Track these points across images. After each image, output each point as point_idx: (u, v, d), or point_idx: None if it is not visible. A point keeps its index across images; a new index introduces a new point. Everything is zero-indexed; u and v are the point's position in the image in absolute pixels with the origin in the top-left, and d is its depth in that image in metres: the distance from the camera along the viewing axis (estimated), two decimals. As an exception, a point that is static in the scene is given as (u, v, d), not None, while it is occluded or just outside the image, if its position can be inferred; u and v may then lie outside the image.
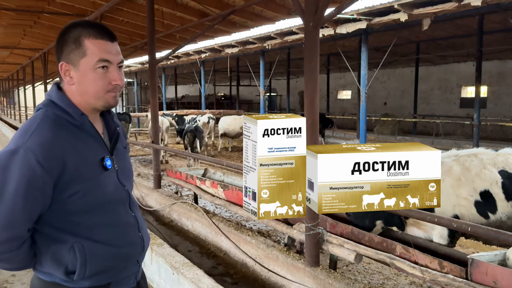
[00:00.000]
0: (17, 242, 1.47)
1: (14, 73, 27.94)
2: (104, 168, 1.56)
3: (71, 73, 1.54)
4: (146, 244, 1.77)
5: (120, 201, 1.66)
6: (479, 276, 2.86)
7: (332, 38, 11.32)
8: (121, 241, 1.64)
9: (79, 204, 1.51)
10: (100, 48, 1.52)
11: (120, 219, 1.66)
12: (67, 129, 1.51)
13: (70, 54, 1.52)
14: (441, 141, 15.18)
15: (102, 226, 1.59)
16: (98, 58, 1.51)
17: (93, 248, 1.55)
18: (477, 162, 3.79)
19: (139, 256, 1.74)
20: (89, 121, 1.58)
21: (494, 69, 18.49)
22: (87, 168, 1.51)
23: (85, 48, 1.51)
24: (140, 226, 1.74)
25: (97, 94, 1.54)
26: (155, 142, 7.61)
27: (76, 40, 1.52)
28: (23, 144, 1.42)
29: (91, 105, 1.58)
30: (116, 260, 1.63)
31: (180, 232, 6.26)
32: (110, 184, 1.60)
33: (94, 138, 1.59)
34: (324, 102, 21.55)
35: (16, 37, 14.26)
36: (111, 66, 1.54)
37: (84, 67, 1.52)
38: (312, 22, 3.71)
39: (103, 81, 1.53)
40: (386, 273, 4.41)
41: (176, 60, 18.03)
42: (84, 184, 1.50)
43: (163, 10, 9.00)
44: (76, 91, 1.55)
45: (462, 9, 7.34)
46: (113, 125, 1.73)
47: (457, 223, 2.60)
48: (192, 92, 38.48)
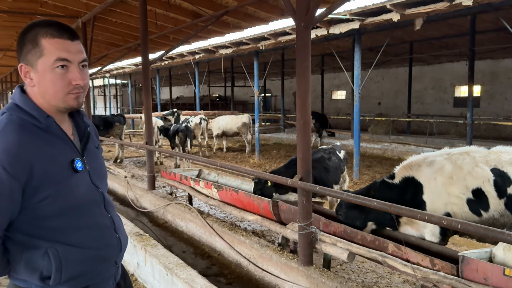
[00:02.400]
0: None
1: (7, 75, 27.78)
2: (74, 170, 1.53)
3: (30, 74, 1.50)
4: (124, 244, 1.74)
5: (93, 202, 1.62)
6: (470, 273, 2.89)
7: (326, 39, 11.34)
8: (97, 244, 1.61)
9: (50, 208, 1.47)
10: (58, 47, 1.48)
11: (95, 221, 1.62)
12: (33, 132, 1.47)
13: (28, 55, 1.48)
14: (435, 140, 15.25)
15: (76, 230, 1.55)
16: (56, 57, 1.47)
17: (68, 252, 1.52)
18: (469, 160, 3.82)
19: (116, 257, 1.71)
20: (55, 123, 1.54)
21: (487, 68, 18.61)
22: (56, 172, 1.47)
23: (42, 48, 1.47)
24: (116, 227, 1.71)
25: (57, 96, 1.50)
26: (149, 143, 7.60)
27: (33, 40, 1.47)
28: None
29: (54, 106, 1.53)
30: (93, 263, 1.60)
31: (175, 233, 6.26)
32: (82, 186, 1.56)
33: (62, 141, 1.55)
34: (319, 103, 21.58)
35: (9, 39, 14.16)
36: (71, 66, 1.49)
37: (42, 67, 1.47)
38: (303, 22, 3.73)
39: (62, 81, 1.49)
40: (380, 271, 4.43)
41: (170, 61, 17.99)
42: (54, 188, 1.46)
43: (156, 11, 8.98)
44: (38, 93, 1.51)
45: (454, 9, 7.37)
46: (83, 125, 1.69)
47: (447, 221, 2.62)
48: (186, 93, 38.41)
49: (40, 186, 1.42)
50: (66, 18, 9.89)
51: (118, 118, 12.31)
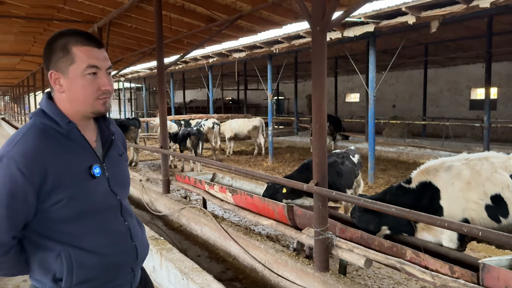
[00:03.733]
0: (1, 249, 1.48)
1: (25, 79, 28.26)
2: (91, 176, 1.57)
3: (60, 81, 1.55)
4: (141, 252, 1.75)
5: (110, 209, 1.65)
6: (491, 281, 2.83)
7: (340, 41, 11.28)
8: (110, 250, 1.62)
9: (63, 212, 1.51)
10: (88, 54, 1.54)
11: (110, 227, 1.64)
12: (52, 138, 1.53)
13: (58, 62, 1.54)
14: (451, 144, 15.05)
15: (89, 235, 1.58)
16: (87, 64, 1.53)
17: (80, 257, 1.55)
18: (487, 165, 3.75)
19: (133, 264, 1.72)
20: (77, 129, 1.59)
21: (503, 70, 18.32)
22: (71, 176, 1.51)
23: (73, 55, 1.53)
24: (133, 234, 1.72)
25: (86, 101, 1.56)
26: (163, 147, 7.64)
27: (64, 48, 1.53)
28: (7, 153, 1.44)
29: (80, 112, 1.59)
30: (105, 269, 1.61)
31: (189, 237, 6.27)
32: (99, 192, 1.59)
33: (81, 147, 1.59)
34: (332, 105, 21.46)
35: (26, 45, 14.42)
36: (99, 72, 1.56)
37: (73, 73, 1.53)
38: (319, 27, 3.71)
39: (92, 87, 1.55)
40: (397, 277, 4.38)
41: (184, 65, 18.09)
42: (68, 192, 1.49)
43: (171, 16, 9.06)
44: (66, 99, 1.57)
45: (470, 11, 7.27)
46: (107, 132, 1.73)
47: (468, 228, 2.58)
48: (200, 96, 38.60)
49: (53, 190, 1.47)
50: (82, 23, 10.03)
51: (133, 122, 12.41)
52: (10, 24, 10.82)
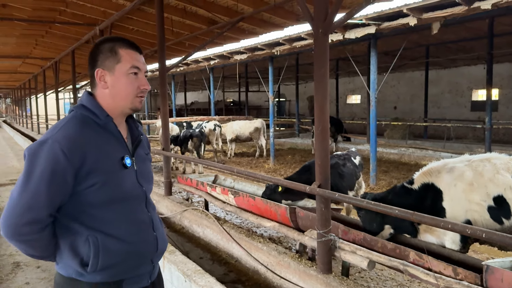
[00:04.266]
0: (38, 225, 1.59)
1: (26, 82, 28.30)
2: (123, 166, 1.72)
3: (106, 78, 1.74)
4: (161, 244, 1.85)
5: (136, 199, 1.78)
6: (495, 283, 2.83)
7: (341, 43, 11.29)
8: (134, 238, 1.73)
9: (96, 196, 1.64)
10: (132, 57, 1.76)
11: (135, 216, 1.77)
12: (92, 127, 1.68)
13: (106, 61, 1.73)
14: (453, 145, 15.04)
15: (117, 221, 1.70)
16: (131, 65, 1.74)
17: (107, 242, 1.66)
18: (490, 167, 3.75)
19: (153, 255, 1.82)
20: (113, 123, 1.75)
21: (505, 71, 18.31)
22: (106, 163, 1.66)
23: (120, 56, 1.73)
24: (155, 226, 1.84)
25: (128, 97, 1.75)
26: (165, 149, 7.65)
27: (112, 49, 1.74)
28: (52, 136, 1.59)
29: (120, 107, 1.77)
30: (128, 256, 1.72)
31: (191, 239, 6.27)
32: (128, 182, 1.74)
33: (116, 138, 1.75)
34: (334, 107, 21.47)
35: (28, 47, 14.45)
36: (140, 73, 1.77)
37: (119, 71, 1.73)
38: (321, 29, 3.72)
39: (133, 85, 1.75)
40: (399, 279, 4.38)
41: (185, 67, 18.13)
42: (102, 177, 1.63)
43: (173, 18, 9.08)
44: (109, 94, 1.75)
45: (472, 13, 7.27)
46: (136, 132, 1.90)
47: (471, 230, 2.58)
48: (201, 98, 38.64)
49: (90, 173, 1.61)
50: (84, 26, 10.06)
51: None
52: (12, 27, 10.85)
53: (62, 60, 15.82)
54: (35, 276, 4.70)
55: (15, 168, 12.88)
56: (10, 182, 10.48)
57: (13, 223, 1.56)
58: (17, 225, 1.56)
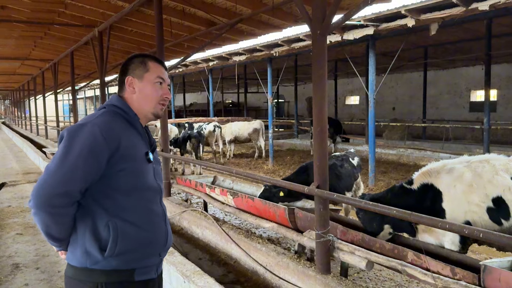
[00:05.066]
0: (69, 199, 1.71)
1: (25, 83, 28.28)
2: (147, 160, 1.91)
3: (134, 84, 1.96)
4: (169, 239, 2.00)
5: (155, 191, 1.96)
6: (492, 283, 2.84)
7: (339, 44, 11.32)
8: (149, 227, 1.89)
9: (123, 181, 1.80)
10: (159, 69, 2.00)
11: (152, 207, 1.93)
12: (123, 121, 1.89)
13: (136, 70, 1.96)
14: (451, 146, 15.06)
15: (136, 209, 1.85)
16: (157, 75, 1.98)
17: (125, 228, 1.80)
18: (489, 168, 3.76)
19: (161, 249, 1.96)
20: (139, 122, 1.96)
21: (503, 72, 18.35)
22: (135, 152, 1.85)
23: (149, 67, 1.97)
24: (166, 220, 2.01)
25: (152, 102, 1.97)
26: (164, 150, 7.66)
27: (142, 62, 1.98)
28: (91, 121, 1.78)
29: (144, 112, 1.98)
30: (143, 243, 1.86)
31: (191, 240, 6.27)
32: (150, 175, 1.92)
33: (141, 136, 1.95)
34: (332, 108, 21.49)
35: (27, 49, 14.46)
36: (164, 84, 2.00)
37: (147, 79, 1.96)
38: (319, 30, 3.73)
39: (157, 93, 1.98)
40: (398, 280, 4.38)
41: (184, 69, 18.14)
42: (130, 163, 1.81)
43: (171, 20, 9.09)
44: (136, 99, 1.96)
45: (470, 14, 7.31)
46: (152, 138, 2.09)
47: (469, 230, 2.59)
48: (200, 99, 38.64)
49: (121, 158, 1.77)
50: (83, 27, 10.07)
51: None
52: (11, 28, 10.86)
53: (61, 62, 15.82)
54: (34, 277, 4.69)
55: (14, 170, 12.86)
56: (9, 184, 10.46)
57: (47, 193, 1.67)
58: (50, 194, 1.67)
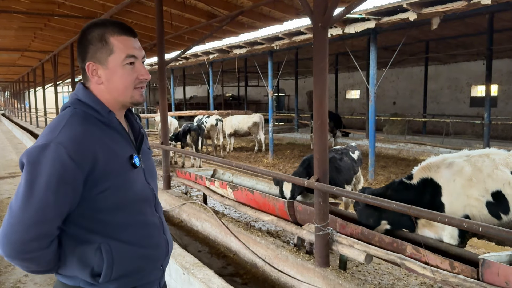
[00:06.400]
0: (46, 240, 1.43)
1: (25, 75, 28.21)
2: (132, 165, 1.56)
3: (99, 72, 1.55)
4: (170, 248, 1.74)
5: (146, 200, 1.64)
6: (491, 277, 2.85)
7: (341, 38, 11.28)
8: (147, 242, 1.61)
9: (108, 201, 1.49)
10: (126, 44, 1.55)
11: (147, 219, 1.63)
12: (96, 125, 1.51)
13: (97, 53, 1.53)
14: (451, 141, 15.06)
15: (129, 226, 1.56)
16: (126, 54, 1.54)
17: (120, 249, 1.53)
18: (489, 162, 3.76)
19: (163, 260, 1.70)
20: (116, 119, 1.59)
21: (504, 67, 18.30)
22: (117, 164, 1.51)
23: (112, 45, 1.53)
24: (165, 228, 1.72)
25: (127, 90, 1.57)
26: (164, 143, 7.65)
27: (102, 39, 1.52)
28: (54, 139, 1.40)
29: (119, 102, 1.59)
30: (143, 262, 1.60)
31: (190, 233, 6.29)
32: (138, 182, 1.59)
33: (122, 136, 1.60)
34: (333, 102, 21.47)
35: (26, 40, 14.40)
36: (137, 62, 1.57)
37: (113, 64, 1.53)
38: (321, 23, 3.71)
39: (131, 76, 1.56)
40: (396, 273, 4.40)
41: (184, 61, 18.09)
42: (114, 180, 1.49)
43: (172, 12, 9.04)
44: (105, 89, 1.56)
45: (471, 8, 7.27)
46: (137, 125, 1.74)
47: (468, 223, 2.59)
48: (200, 93, 38.58)
49: (101, 177, 1.45)
50: (83, 18, 10.01)
51: (133, 118, 12.38)
52: (10, 20, 10.80)
53: (61, 53, 15.76)
54: (34, 268, 4.70)
55: (13, 161, 12.87)
56: (9, 175, 10.48)
57: (18, 241, 1.37)
58: (21, 242, 1.38)
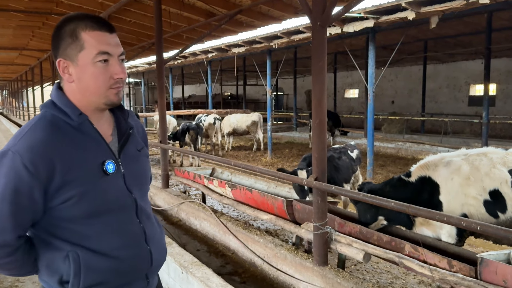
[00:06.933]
0: (7, 249, 1.40)
1: (23, 74, 28.17)
2: (104, 172, 1.45)
3: (69, 69, 1.44)
4: (156, 258, 1.61)
5: (123, 208, 1.52)
6: (489, 275, 2.85)
7: (339, 37, 11.27)
8: (122, 253, 1.50)
9: (74, 211, 1.40)
10: (99, 40, 1.42)
11: (123, 228, 1.52)
12: (63, 131, 1.42)
13: (67, 49, 1.42)
14: (450, 140, 15.08)
15: (101, 235, 1.46)
16: (98, 51, 1.41)
17: (89, 259, 1.44)
18: (486, 161, 3.77)
19: (147, 270, 1.59)
20: (89, 121, 1.48)
21: (503, 66, 18.32)
22: (83, 172, 1.40)
23: (83, 41, 1.41)
24: (148, 237, 1.58)
25: (99, 91, 1.44)
26: (162, 142, 7.65)
27: (73, 34, 1.41)
28: (13, 146, 1.34)
29: (93, 103, 1.47)
30: (116, 274, 1.49)
31: (188, 232, 6.29)
32: (112, 189, 1.48)
33: (94, 140, 1.48)
34: (331, 101, 21.47)
35: (24, 39, 14.36)
36: (111, 59, 1.44)
37: (83, 61, 1.42)
38: (319, 22, 3.71)
39: (104, 75, 1.43)
40: (395, 272, 4.41)
41: (183, 60, 18.06)
42: (78, 189, 1.38)
43: (170, 11, 9.03)
44: (77, 89, 1.45)
45: (470, 7, 7.27)
46: (124, 125, 1.60)
47: (466, 222, 2.59)
48: (199, 91, 38.55)
49: (62, 187, 1.36)
50: (81, 17, 9.97)
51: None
52: (8, 18, 10.77)
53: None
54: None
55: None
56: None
57: None
58: None
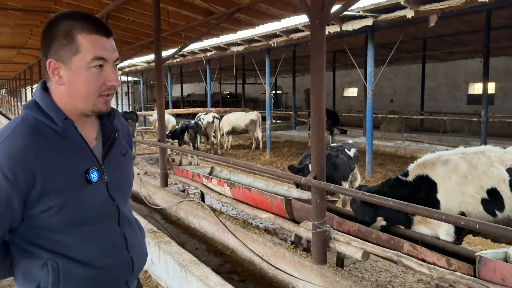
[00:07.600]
0: None
1: (21, 72, 28.11)
2: (87, 181, 1.39)
3: (60, 72, 1.36)
4: (137, 264, 1.59)
5: (105, 217, 1.48)
6: (487, 274, 2.85)
7: (338, 35, 11.27)
8: (102, 262, 1.46)
9: (54, 220, 1.35)
10: (95, 44, 1.35)
11: (104, 237, 1.48)
12: (45, 136, 1.35)
13: (61, 51, 1.34)
14: (449, 138, 15.09)
15: (81, 244, 1.42)
16: (93, 56, 1.34)
17: (69, 268, 1.39)
18: (484, 159, 3.77)
19: (128, 276, 1.57)
20: (74, 126, 1.41)
21: (501, 65, 18.33)
22: (64, 181, 1.34)
23: (78, 44, 1.33)
24: (129, 245, 1.55)
25: (89, 97, 1.38)
26: (161, 140, 7.64)
27: (68, 35, 1.33)
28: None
29: (79, 109, 1.41)
30: (96, 282, 1.46)
31: (187, 230, 6.29)
32: (95, 198, 1.43)
33: (78, 147, 1.41)
34: (330, 100, 21.49)
35: (23, 37, 14.32)
36: (106, 65, 1.38)
37: (77, 65, 1.35)
38: (318, 20, 3.71)
39: (97, 82, 1.37)
40: (394, 270, 4.41)
41: (181, 59, 18.04)
42: (59, 198, 1.33)
43: (169, 9, 9.01)
44: (65, 92, 1.38)
45: (469, 5, 7.27)
46: (110, 128, 1.54)
47: (465, 221, 2.60)
48: (197, 90, 38.51)
49: (43, 196, 1.31)
50: (80, 16, 9.95)
51: (130, 116, 12.38)
52: (6, 17, 10.75)
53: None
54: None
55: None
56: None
57: None
58: None
